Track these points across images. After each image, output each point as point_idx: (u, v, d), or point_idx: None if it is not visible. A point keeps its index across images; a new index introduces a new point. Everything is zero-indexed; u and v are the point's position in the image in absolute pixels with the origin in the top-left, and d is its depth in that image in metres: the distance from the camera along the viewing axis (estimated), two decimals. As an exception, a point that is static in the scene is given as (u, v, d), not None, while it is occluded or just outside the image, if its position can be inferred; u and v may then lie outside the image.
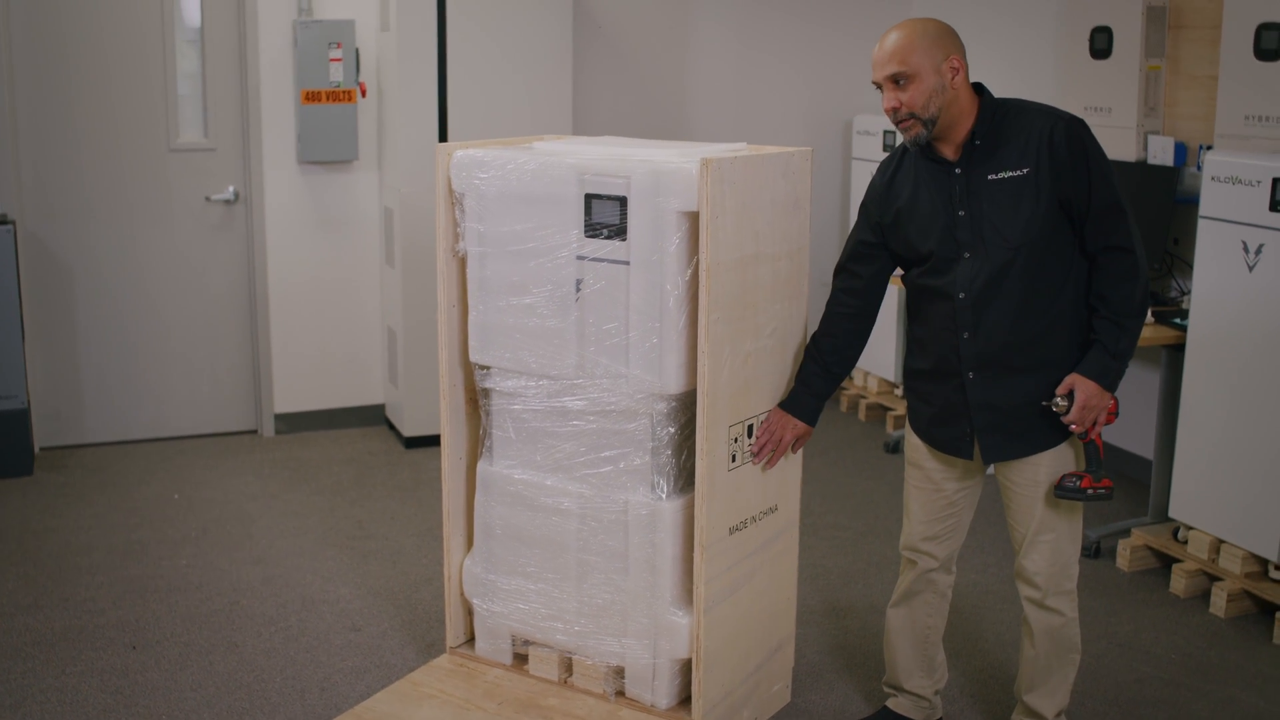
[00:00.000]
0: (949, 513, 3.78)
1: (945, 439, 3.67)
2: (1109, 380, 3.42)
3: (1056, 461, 3.57)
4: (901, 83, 3.39)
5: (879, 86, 3.45)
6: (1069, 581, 3.68)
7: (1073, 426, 3.45)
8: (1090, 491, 3.50)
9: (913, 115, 3.40)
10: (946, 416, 3.63)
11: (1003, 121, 3.45)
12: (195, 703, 4.15)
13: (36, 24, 6.32)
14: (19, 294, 6.07)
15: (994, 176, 3.43)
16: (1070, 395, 3.43)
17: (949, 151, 3.49)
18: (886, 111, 3.44)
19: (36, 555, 5.26)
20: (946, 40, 3.43)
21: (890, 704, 4.01)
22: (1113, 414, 3.51)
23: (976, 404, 3.55)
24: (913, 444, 3.80)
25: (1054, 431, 3.53)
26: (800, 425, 3.82)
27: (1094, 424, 3.47)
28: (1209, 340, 4.92)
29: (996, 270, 3.43)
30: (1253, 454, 4.78)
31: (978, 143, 3.44)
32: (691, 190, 3.50)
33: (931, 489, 3.77)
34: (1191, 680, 4.38)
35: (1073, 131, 3.38)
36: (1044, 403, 3.48)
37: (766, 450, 3.80)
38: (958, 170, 3.47)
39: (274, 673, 4.35)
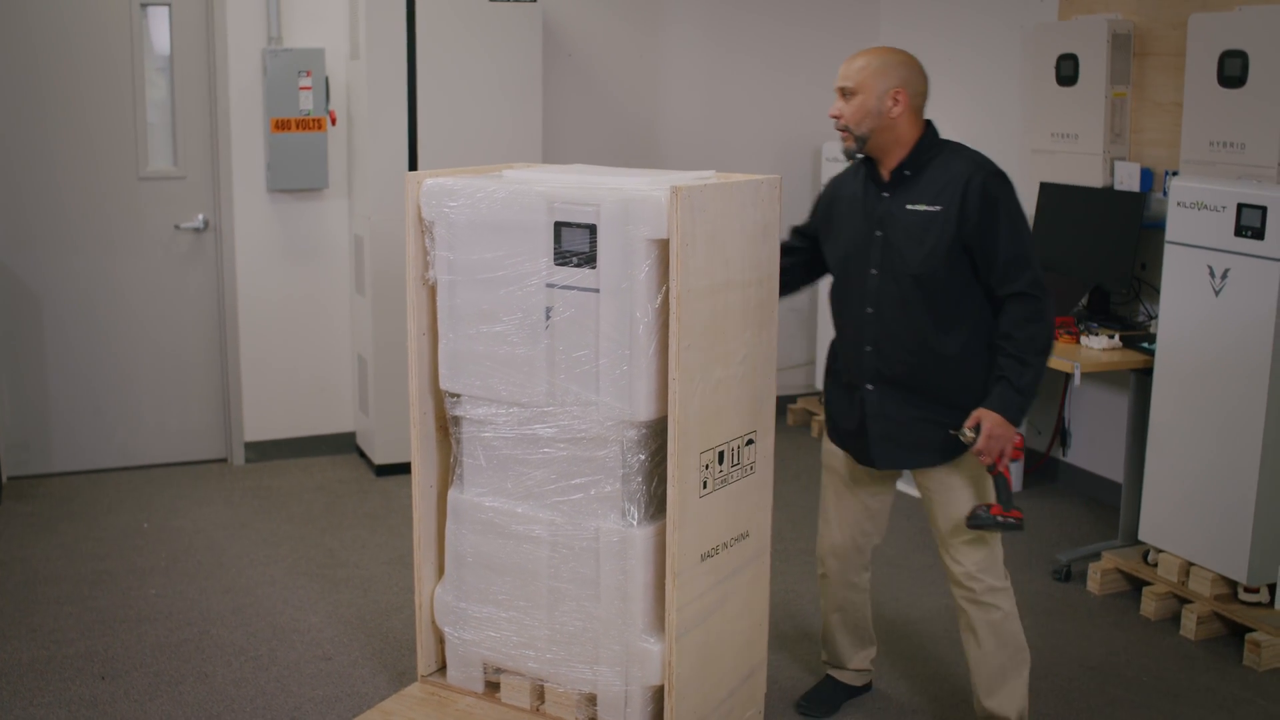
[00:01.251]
0: (864, 516, 4.10)
1: (851, 444, 3.98)
2: (1013, 413, 3.63)
3: (970, 468, 3.82)
4: (847, 96, 3.77)
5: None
6: (998, 579, 3.87)
7: (981, 458, 3.64)
8: (1000, 520, 3.68)
9: (846, 128, 3.77)
10: (850, 422, 3.94)
11: (934, 159, 3.76)
12: (165, 734, 4.13)
13: (5, 51, 6.30)
14: (-13, 323, 6.05)
15: (911, 206, 3.73)
16: (977, 427, 3.63)
17: (884, 174, 3.81)
18: (831, 115, 3.82)
19: (3, 585, 5.22)
20: (902, 72, 3.76)
21: (835, 674, 4.39)
22: (1019, 449, 3.69)
23: (873, 414, 3.85)
24: (828, 448, 4.13)
25: (948, 448, 3.80)
26: None
27: (1000, 455, 3.65)
28: (1176, 364, 4.95)
29: (901, 293, 3.74)
30: (1221, 477, 4.81)
31: (907, 173, 3.76)
32: (661, 218, 3.51)
33: (848, 495, 4.10)
34: (1162, 703, 4.40)
35: (989, 185, 3.65)
36: (951, 431, 3.73)
37: None
38: (885, 194, 3.79)
39: (244, 702, 4.33)
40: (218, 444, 6.98)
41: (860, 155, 3.83)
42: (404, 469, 6.55)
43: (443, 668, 4.28)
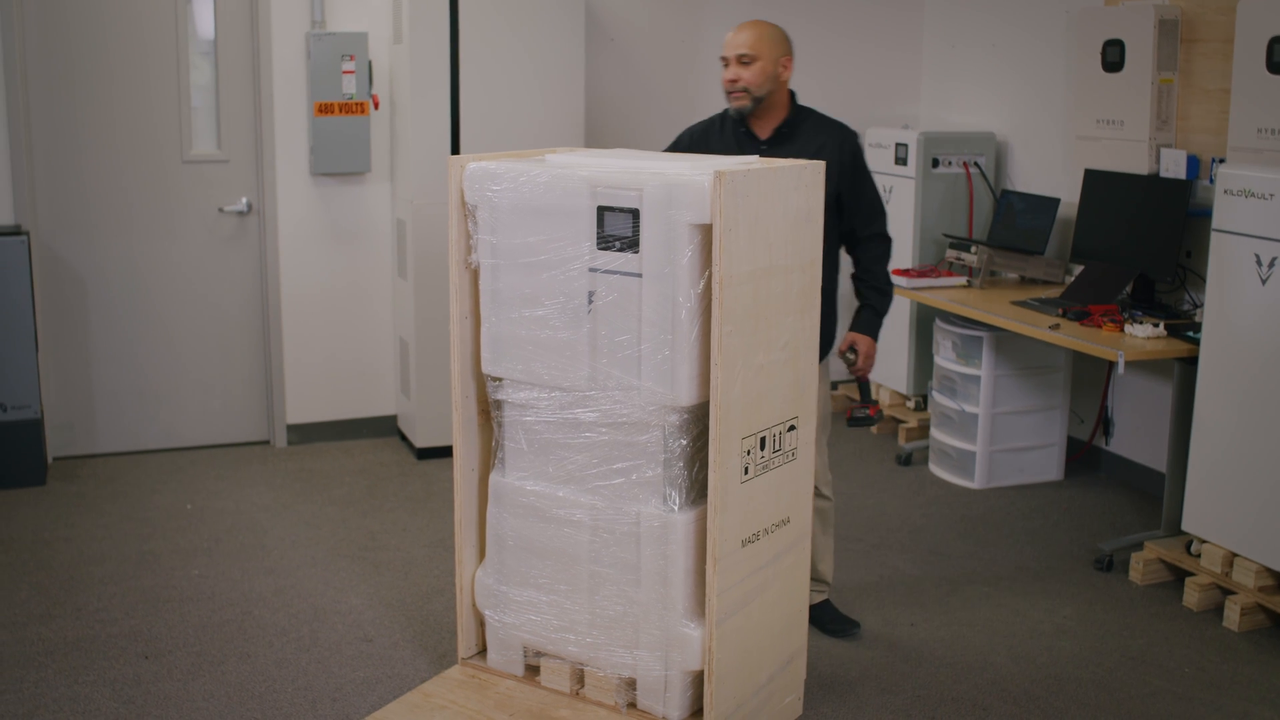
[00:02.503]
0: None
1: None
2: (876, 333, 4.55)
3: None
4: (746, 62, 4.29)
5: (725, 63, 4.33)
6: (829, 473, 4.68)
7: (858, 372, 4.56)
8: (875, 417, 4.72)
9: (746, 90, 4.31)
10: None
11: (806, 119, 4.45)
12: (207, 713, 4.16)
13: (51, 36, 6.35)
14: (33, 305, 6.09)
15: (790, 159, 4.19)
16: (853, 349, 4.49)
17: (761, 131, 4.41)
18: (726, 83, 4.33)
19: (49, 565, 5.27)
20: (786, 43, 4.39)
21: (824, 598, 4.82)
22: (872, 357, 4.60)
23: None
24: None
25: (841, 352, 4.56)
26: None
27: (870, 367, 4.57)
28: (1222, 353, 4.91)
29: None
30: (1266, 467, 4.77)
31: (785, 130, 4.40)
32: (704, 203, 3.51)
33: None
34: (1205, 694, 4.37)
35: (857, 145, 4.47)
36: (840, 353, 4.53)
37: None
38: (764, 147, 4.39)
39: (286, 683, 4.36)
40: (260, 426, 7.02)
41: (747, 113, 4.37)
42: (445, 452, 6.57)
43: (483, 651, 4.30)
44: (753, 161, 3.84)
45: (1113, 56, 6.11)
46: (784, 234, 3.73)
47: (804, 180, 3.79)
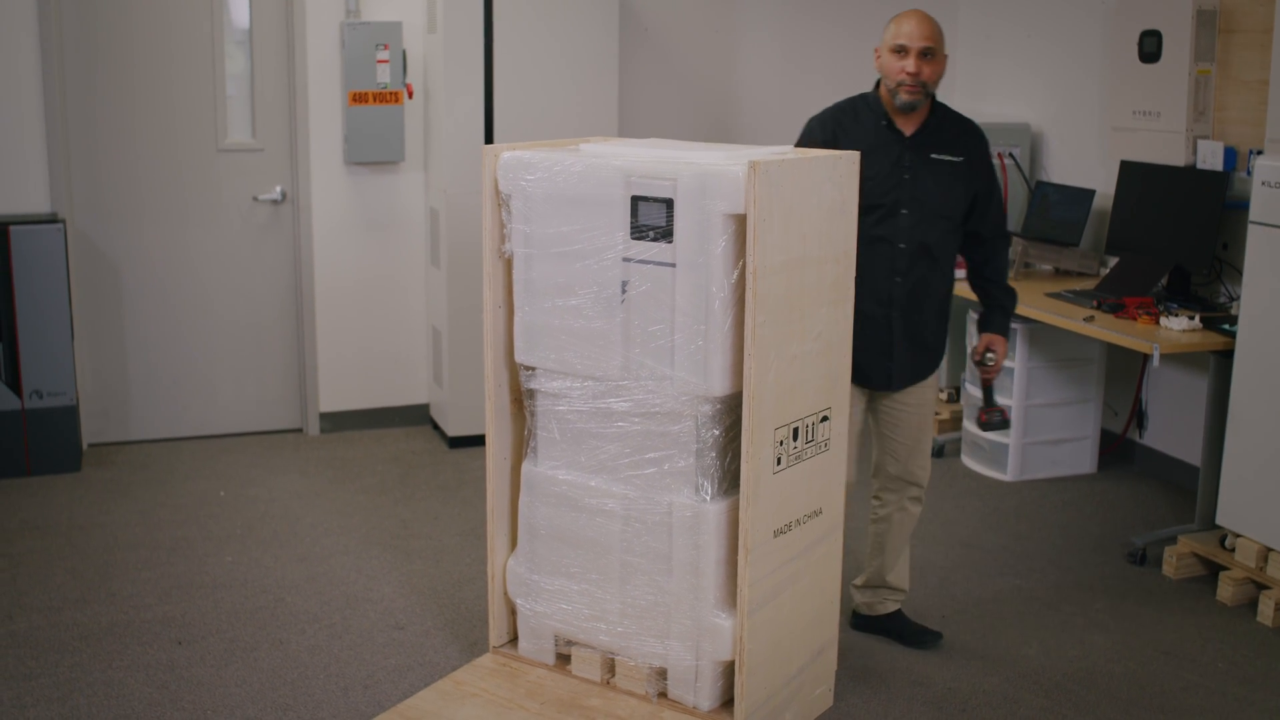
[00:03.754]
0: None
1: (872, 372, 4.31)
2: (1008, 335, 4.49)
3: (934, 383, 4.46)
4: (929, 56, 4.14)
5: (901, 52, 4.14)
6: (926, 482, 4.55)
7: (989, 375, 4.48)
8: (1008, 418, 4.68)
9: (924, 85, 4.15)
10: (872, 352, 4.27)
11: (944, 115, 4.31)
12: (240, 698, 4.18)
13: (86, 26, 6.38)
14: (68, 292, 6.13)
15: (936, 156, 4.23)
16: (990, 351, 4.42)
17: (906, 126, 4.24)
18: (905, 74, 4.12)
19: (84, 550, 5.31)
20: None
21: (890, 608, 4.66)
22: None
23: (898, 339, 4.28)
24: (855, 391, 4.29)
25: (933, 364, 4.40)
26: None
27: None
28: (1258, 346, 4.88)
29: (928, 229, 4.22)
30: (1302, 462, 4.74)
31: (930, 126, 4.25)
32: (738, 193, 3.50)
33: (870, 421, 4.49)
34: (1238, 689, 4.35)
35: (986, 143, 4.35)
36: (975, 360, 4.45)
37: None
38: (909, 141, 4.23)
39: (318, 670, 4.38)
40: (293, 414, 7.05)
41: (914, 108, 4.20)
42: (477, 441, 6.59)
43: (514, 639, 4.31)
44: (786, 151, 3.83)
45: (1150, 47, 6.07)
46: (818, 225, 3.72)
47: (838, 171, 3.77)
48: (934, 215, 4.23)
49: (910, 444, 4.45)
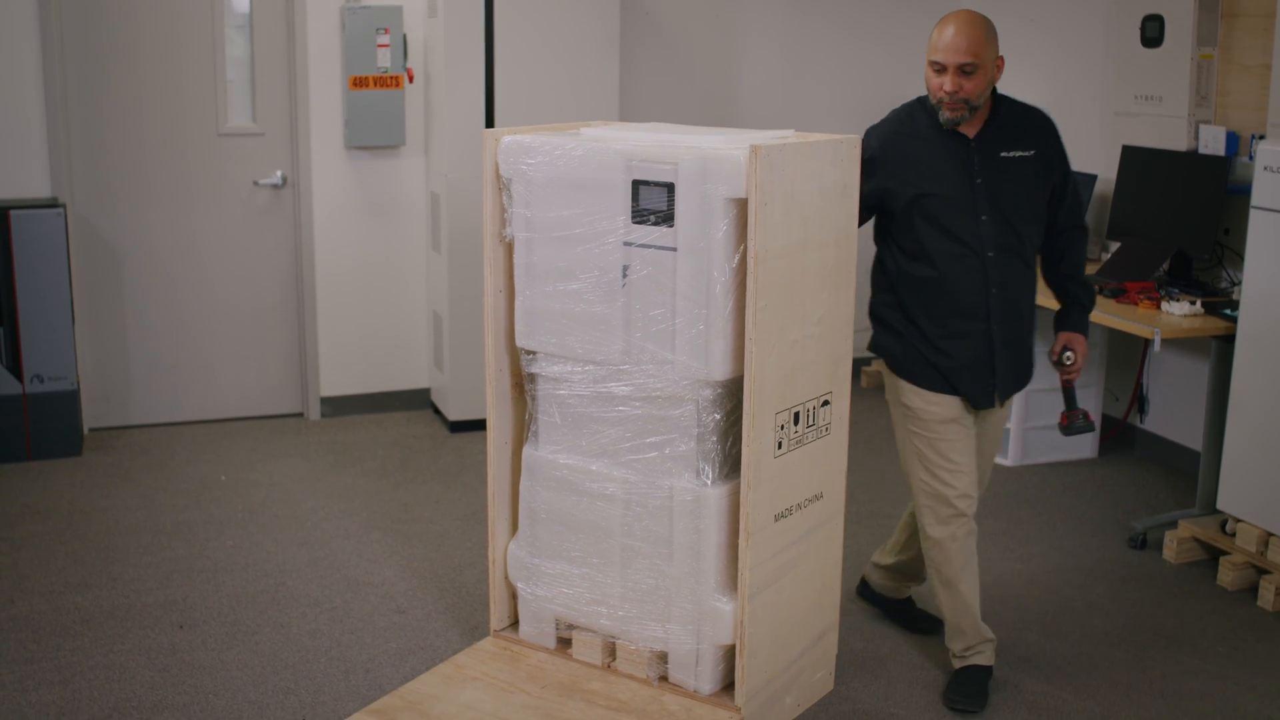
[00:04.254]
0: (971, 457, 4.13)
1: (972, 389, 4.04)
2: (1088, 333, 4.20)
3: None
4: (969, 72, 3.84)
5: (939, 68, 3.88)
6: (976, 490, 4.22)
7: (1072, 374, 4.17)
8: (1092, 423, 4.40)
9: (966, 101, 3.87)
10: (974, 367, 4.03)
11: (1008, 110, 4.03)
12: (241, 681, 4.19)
13: (86, 10, 6.36)
14: (69, 277, 6.13)
15: (1006, 154, 3.96)
16: (1068, 350, 4.13)
17: (969, 129, 3.96)
18: (944, 92, 3.87)
19: (85, 535, 5.31)
20: (996, 40, 3.92)
21: (978, 660, 4.17)
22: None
23: (999, 351, 4.02)
24: (943, 401, 4.04)
25: (1029, 373, 4.16)
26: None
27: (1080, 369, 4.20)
28: (1260, 331, 4.88)
29: (1012, 232, 3.96)
30: (1303, 446, 4.74)
31: (993, 125, 3.98)
32: (739, 177, 3.50)
33: (967, 440, 4.09)
34: (1238, 674, 4.35)
35: (1056, 130, 4.07)
36: (1054, 360, 4.16)
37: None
38: (973, 144, 3.95)
39: (319, 653, 4.38)
40: (294, 399, 7.05)
41: (959, 124, 3.93)
42: (478, 426, 6.59)
43: (515, 623, 4.31)
44: (788, 135, 3.83)
45: (1152, 31, 6.06)
46: (820, 208, 3.71)
47: (840, 155, 3.77)
48: (1016, 217, 3.96)
49: (986, 458, 4.22)
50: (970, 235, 3.94)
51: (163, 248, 6.68)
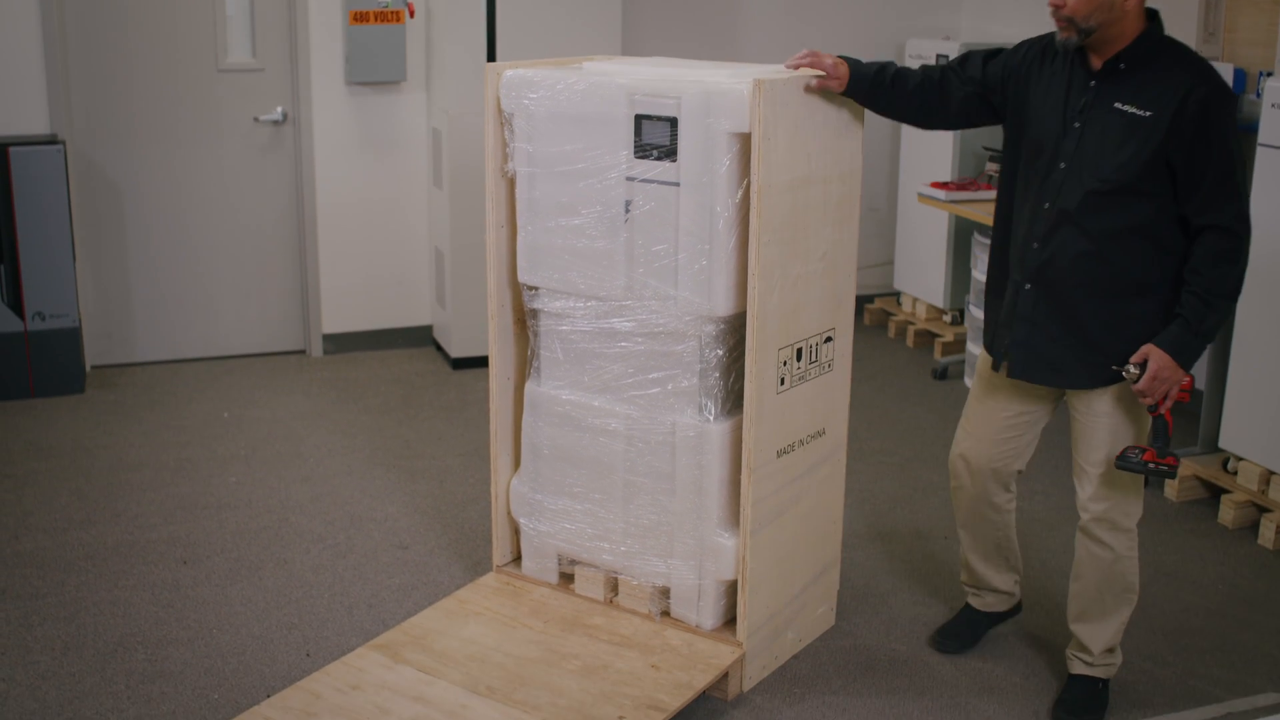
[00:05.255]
0: (999, 432, 3.79)
1: (994, 345, 3.71)
2: (1185, 357, 3.37)
3: (1118, 402, 3.54)
4: None
5: None
6: (1124, 519, 3.65)
7: (1143, 398, 3.42)
8: (1151, 466, 3.45)
9: (1070, 20, 3.34)
10: (999, 325, 3.67)
11: (1155, 58, 3.37)
12: (245, 616, 4.21)
13: (86, -59, 6.32)
14: (69, 214, 6.10)
15: (1119, 106, 3.38)
16: (1143, 365, 3.38)
17: (1096, 63, 3.43)
18: (1050, 5, 3.37)
19: (89, 471, 5.32)
20: None
21: (975, 603, 4.10)
22: (1188, 390, 3.43)
23: (1021, 315, 3.58)
24: (983, 356, 3.81)
25: (1090, 374, 3.53)
26: None
27: (1165, 398, 3.41)
28: (1265, 270, 4.86)
29: (1084, 193, 3.42)
30: (1306, 384, 4.73)
31: (1121, 66, 3.39)
32: (743, 111, 3.47)
33: (986, 402, 3.78)
34: (1238, 610, 4.37)
35: (1211, 101, 3.29)
36: (1114, 367, 3.46)
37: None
38: (1093, 82, 3.43)
39: (323, 589, 4.40)
40: (296, 336, 7.04)
41: (1072, 47, 3.42)
42: (480, 363, 6.59)
43: (517, 559, 4.33)
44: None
45: (1159, -34, 5.99)
46: (824, 143, 3.69)
47: (844, 89, 3.74)
48: (1090, 176, 3.40)
49: (1079, 459, 3.70)
50: (1040, 177, 3.51)
51: (163, 185, 6.65)
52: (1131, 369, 3.40)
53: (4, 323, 6.07)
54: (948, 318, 7.19)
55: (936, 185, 6.59)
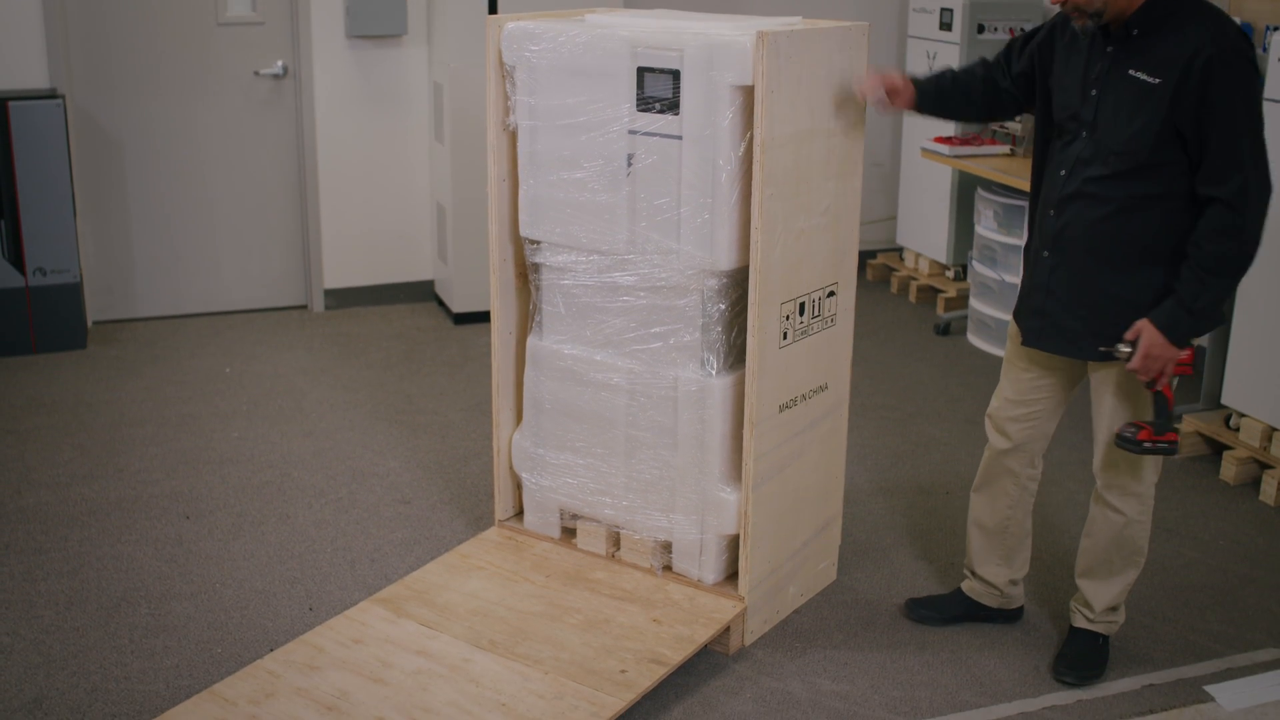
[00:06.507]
0: (1031, 398, 3.73)
1: (1017, 314, 3.68)
2: (1177, 334, 3.29)
3: (1127, 374, 3.47)
4: None
5: None
6: (1136, 484, 3.60)
7: (1137, 375, 3.37)
8: (1148, 445, 3.40)
9: (1079, 9, 3.29)
10: (1029, 297, 3.61)
11: (1166, 21, 3.26)
12: (248, 571, 4.22)
13: (84, -107, 6.27)
14: (70, 169, 6.08)
15: (1133, 73, 3.28)
16: (1136, 341, 3.33)
17: (1109, 30, 3.35)
18: (1051, 2, 3.36)
19: (91, 427, 5.32)
20: None
21: (964, 586, 4.03)
22: (1188, 364, 3.35)
23: (1038, 283, 3.56)
24: (1013, 320, 3.76)
25: (1101, 344, 3.46)
26: None
27: (1160, 373, 3.34)
28: (1269, 227, 4.82)
29: (1099, 163, 3.36)
30: (1309, 340, 4.72)
31: (1135, 32, 3.29)
32: (746, 64, 3.45)
33: (1020, 367, 3.73)
34: (1239, 567, 4.38)
35: (1216, 63, 3.16)
36: (1102, 349, 3.42)
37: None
38: (1110, 48, 3.34)
39: (325, 543, 4.41)
40: (298, 291, 7.03)
41: (1089, 32, 3.36)
42: (482, 318, 6.58)
43: (519, 513, 4.33)
44: (795, 22, 3.77)
45: (1166, -82, 5.94)
46: (827, 96, 3.66)
47: (848, 42, 3.71)
48: (1106, 146, 3.33)
49: (1095, 425, 3.63)
50: (1063, 146, 3.46)
51: (164, 139, 6.62)
52: (1122, 348, 3.35)
53: (5, 278, 6.05)
54: (950, 273, 7.17)
55: (940, 140, 6.56)
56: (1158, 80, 3.23)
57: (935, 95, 3.77)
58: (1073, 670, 3.74)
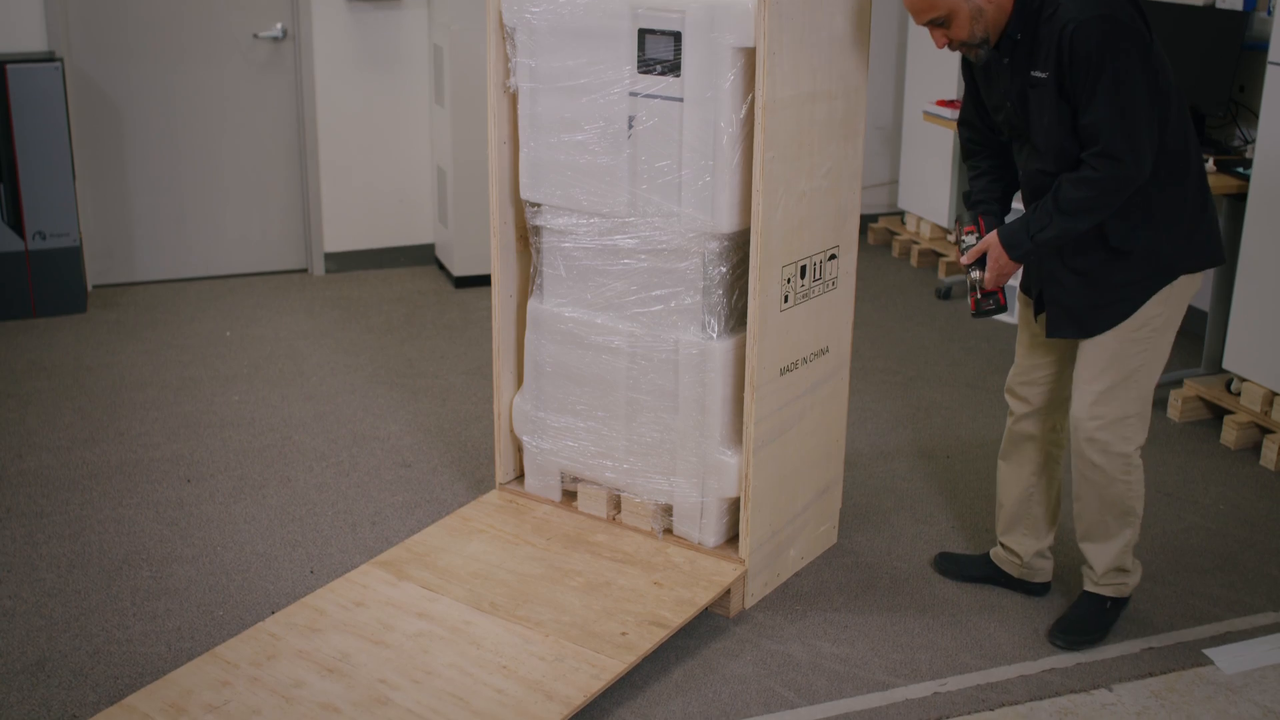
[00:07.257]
0: (1036, 360, 3.76)
1: (1027, 288, 3.74)
2: (1017, 254, 3.46)
3: (1123, 340, 3.52)
4: (942, 23, 3.38)
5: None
6: (1120, 443, 3.59)
7: (962, 258, 3.60)
8: (1004, 305, 3.63)
9: (964, 43, 3.40)
10: (1024, 284, 3.75)
11: (1039, 13, 3.33)
12: (249, 534, 4.22)
13: None
14: (69, 132, 6.06)
15: (1033, 73, 3.36)
16: (978, 237, 3.58)
17: (1002, 41, 3.45)
18: (940, 47, 3.45)
19: (92, 391, 5.32)
20: None
21: (991, 551, 4.04)
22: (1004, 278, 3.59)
23: (1032, 270, 3.65)
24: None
25: (1085, 324, 3.53)
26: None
27: (999, 277, 3.56)
28: (1272, 191, 4.82)
29: (1039, 164, 3.46)
30: (1312, 304, 4.71)
31: (1018, 37, 3.38)
32: (748, 25, 3.43)
33: (1029, 333, 3.77)
34: (1239, 531, 4.38)
35: (1079, 35, 3.22)
36: (950, 238, 3.51)
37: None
38: (1005, 60, 3.43)
39: (326, 506, 4.41)
40: (298, 254, 7.02)
41: (984, 61, 3.47)
42: (482, 281, 6.57)
43: (520, 476, 4.33)
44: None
45: (1171, -120, 5.91)
46: (830, 58, 3.65)
47: (850, 4, 3.69)
48: (1042, 150, 3.42)
49: (1075, 374, 3.63)
50: (1017, 151, 3.59)
51: (163, 102, 6.60)
52: (966, 238, 3.59)
53: (5, 242, 6.04)
54: (952, 237, 7.16)
55: (942, 104, 6.53)
56: (1046, 73, 3.32)
57: (1003, 200, 3.73)
58: (1065, 634, 3.75)
